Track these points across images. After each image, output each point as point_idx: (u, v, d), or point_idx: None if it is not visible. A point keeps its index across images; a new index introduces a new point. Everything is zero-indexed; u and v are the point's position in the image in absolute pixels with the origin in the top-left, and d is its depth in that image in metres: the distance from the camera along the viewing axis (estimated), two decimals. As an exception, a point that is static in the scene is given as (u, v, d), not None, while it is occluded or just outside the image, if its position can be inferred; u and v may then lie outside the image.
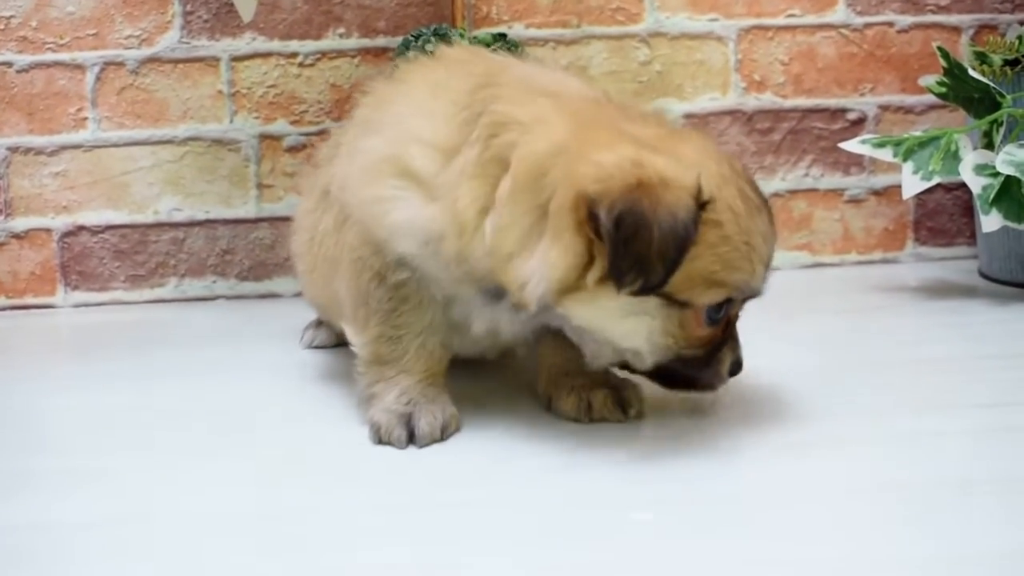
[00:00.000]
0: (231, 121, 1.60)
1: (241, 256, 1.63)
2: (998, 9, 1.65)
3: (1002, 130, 1.36)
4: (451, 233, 0.89)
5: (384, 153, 0.93)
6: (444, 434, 0.95)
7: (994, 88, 1.37)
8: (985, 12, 1.65)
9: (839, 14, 1.63)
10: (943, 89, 1.43)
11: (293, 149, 1.61)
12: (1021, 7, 1.65)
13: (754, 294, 0.91)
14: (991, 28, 1.64)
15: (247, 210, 1.62)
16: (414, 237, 0.92)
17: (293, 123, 1.61)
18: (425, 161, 0.91)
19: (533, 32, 1.60)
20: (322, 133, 1.60)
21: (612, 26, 1.60)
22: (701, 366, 0.91)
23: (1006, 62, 1.43)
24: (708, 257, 0.85)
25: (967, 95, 1.41)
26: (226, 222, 1.62)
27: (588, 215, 0.83)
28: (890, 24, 1.64)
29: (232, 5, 1.40)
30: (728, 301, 0.89)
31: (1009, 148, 1.31)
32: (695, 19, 1.62)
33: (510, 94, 0.91)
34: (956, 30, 1.65)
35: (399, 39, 1.49)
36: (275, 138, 1.61)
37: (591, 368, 0.95)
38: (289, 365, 1.26)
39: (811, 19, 1.63)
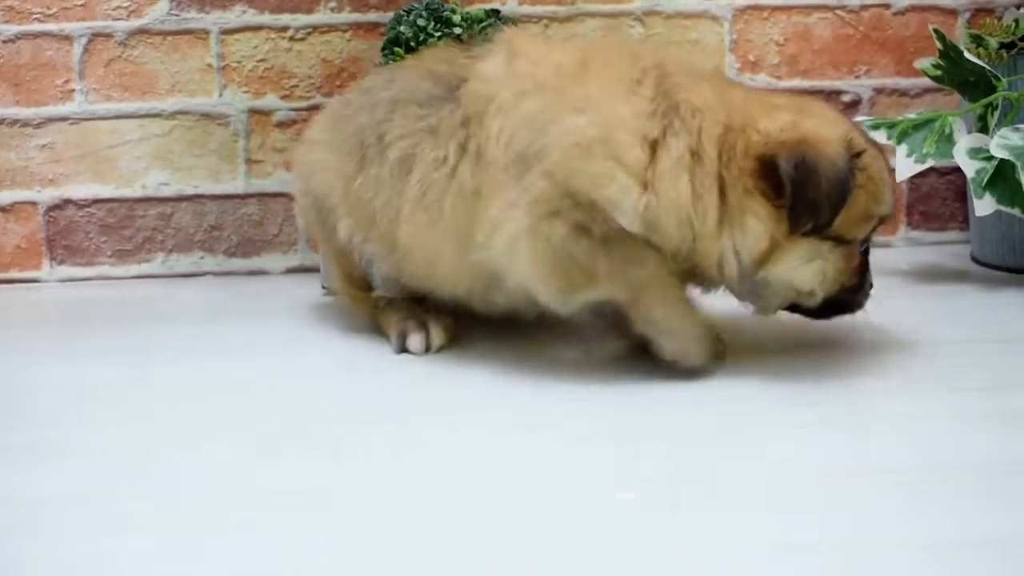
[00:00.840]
0: (220, 95, 1.58)
1: (229, 232, 1.61)
2: (998, -6, 1.64)
3: (997, 113, 1.36)
4: (670, 223, 0.99)
5: (594, 135, 0.99)
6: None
7: (990, 71, 1.36)
8: None
9: (837, -9, 1.62)
10: (938, 72, 1.42)
11: (283, 124, 1.59)
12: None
13: (890, 217, 1.08)
14: (988, 11, 1.63)
15: (236, 186, 1.60)
16: (633, 217, 0.98)
17: (283, 98, 1.59)
18: (636, 151, 0.99)
19: (527, 9, 1.59)
20: (313, 108, 1.59)
21: (607, 4, 1.59)
22: (856, 290, 1.06)
23: (1002, 45, 1.42)
24: (862, 197, 1.02)
25: (963, 78, 1.40)
26: (214, 197, 1.60)
27: (764, 173, 0.99)
28: (886, 6, 1.63)
29: (222, -23, 1.39)
30: (873, 230, 1.06)
31: (1004, 132, 1.30)
32: (705, -2, 1.60)
33: (685, 83, 1.03)
34: (953, 13, 1.64)
35: (391, 14, 1.47)
36: (265, 113, 1.59)
37: (763, 315, 1.09)
38: (277, 342, 1.25)
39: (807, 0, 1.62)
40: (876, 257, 1.11)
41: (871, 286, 1.09)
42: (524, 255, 1.02)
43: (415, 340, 1.17)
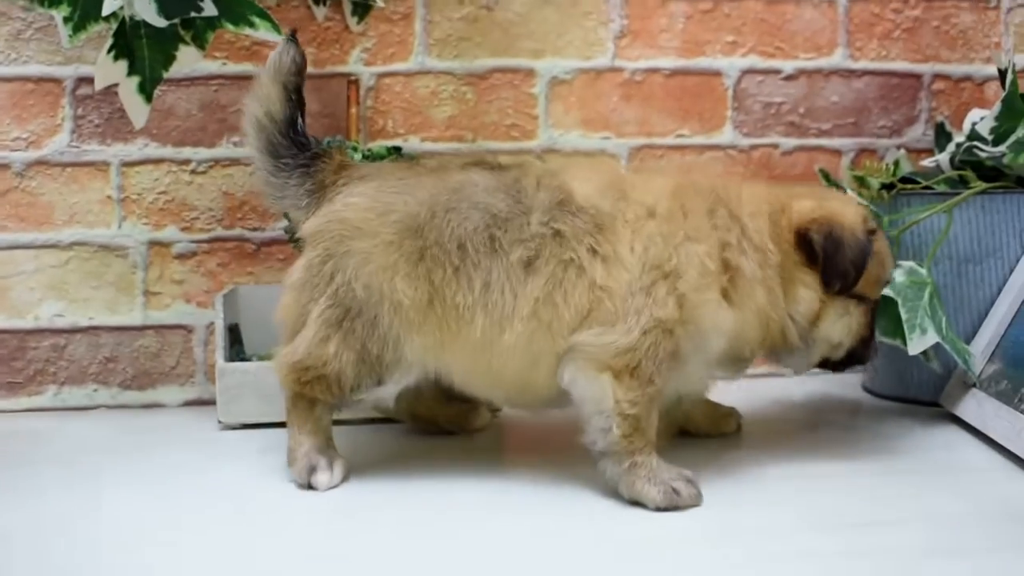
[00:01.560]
0: (119, 227, 1.57)
1: (124, 364, 1.58)
2: (876, 134, 1.72)
3: (879, 252, 1.41)
4: (754, 328, 1.17)
5: (709, 267, 1.13)
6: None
7: (872, 211, 1.42)
8: (865, 136, 1.72)
9: (726, 135, 1.69)
10: (824, 211, 1.48)
11: (182, 256, 1.59)
12: (898, 132, 1.72)
13: (888, 281, 1.30)
14: (870, 152, 1.71)
15: (132, 317, 1.58)
16: (725, 339, 1.15)
17: (183, 230, 1.58)
18: (725, 278, 1.14)
19: (429, 146, 1.62)
20: (214, 241, 1.59)
21: (507, 141, 1.63)
22: (868, 343, 1.27)
23: (883, 185, 1.49)
24: (876, 264, 1.23)
25: (846, 217, 1.46)
26: (110, 329, 1.58)
27: (800, 245, 1.19)
28: (775, 146, 1.70)
29: (124, 110, 1.39)
30: (878, 298, 1.27)
31: (886, 269, 1.36)
32: (588, 137, 1.65)
33: (738, 199, 1.20)
34: (837, 153, 1.71)
35: (294, 149, 1.49)
36: (164, 245, 1.58)
37: (799, 373, 1.30)
38: (173, 479, 1.21)
39: (700, 139, 1.68)
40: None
41: (877, 345, 1.29)
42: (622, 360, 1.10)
43: (323, 478, 1.17)
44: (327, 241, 1.18)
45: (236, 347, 1.51)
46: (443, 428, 1.38)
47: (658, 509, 1.07)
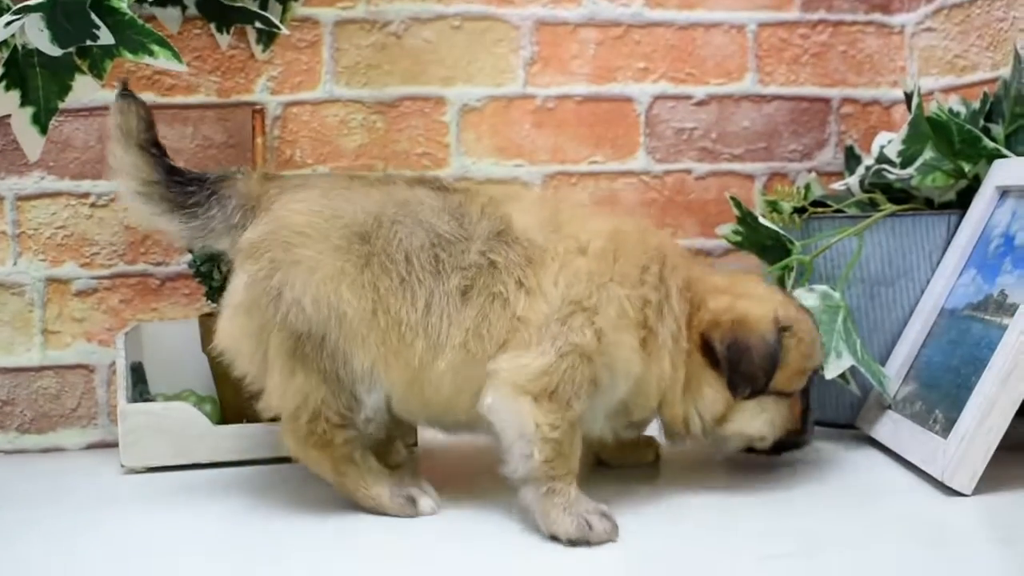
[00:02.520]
0: (15, 264, 1.51)
1: (23, 407, 1.51)
2: (787, 158, 1.73)
3: (792, 275, 1.41)
4: (652, 390, 1.16)
5: (629, 310, 1.12)
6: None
7: (784, 235, 1.42)
8: (776, 160, 1.73)
9: (640, 161, 1.68)
10: (738, 238, 1.48)
11: (83, 293, 1.53)
12: (808, 156, 1.74)
13: (819, 369, 1.27)
14: (782, 176, 1.72)
15: (30, 358, 1.51)
16: (630, 384, 1.14)
17: (83, 266, 1.52)
18: (643, 332, 1.14)
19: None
20: (116, 277, 1.53)
21: (418, 170, 1.60)
22: (800, 432, 1.24)
23: (795, 210, 1.49)
24: (795, 357, 1.20)
25: (760, 242, 1.46)
26: (6, 370, 1.51)
27: (706, 350, 1.17)
28: (688, 171, 1.70)
29: (17, 142, 1.33)
30: (809, 380, 1.24)
31: (799, 292, 1.36)
32: (501, 164, 1.63)
33: (675, 269, 1.18)
34: (750, 177, 1.72)
35: (198, 181, 1.44)
36: (63, 282, 1.52)
37: (720, 457, 1.31)
38: (74, 525, 1.16)
39: (613, 166, 1.67)
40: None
41: (814, 424, 1.27)
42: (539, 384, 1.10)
43: (427, 503, 1.16)
44: (272, 250, 1.13)
45: (140, 387, 1.45)
46: None
47: (570, 542, 1.05)
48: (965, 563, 0.98)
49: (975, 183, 1.42)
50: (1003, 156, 1.40)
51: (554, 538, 1.06)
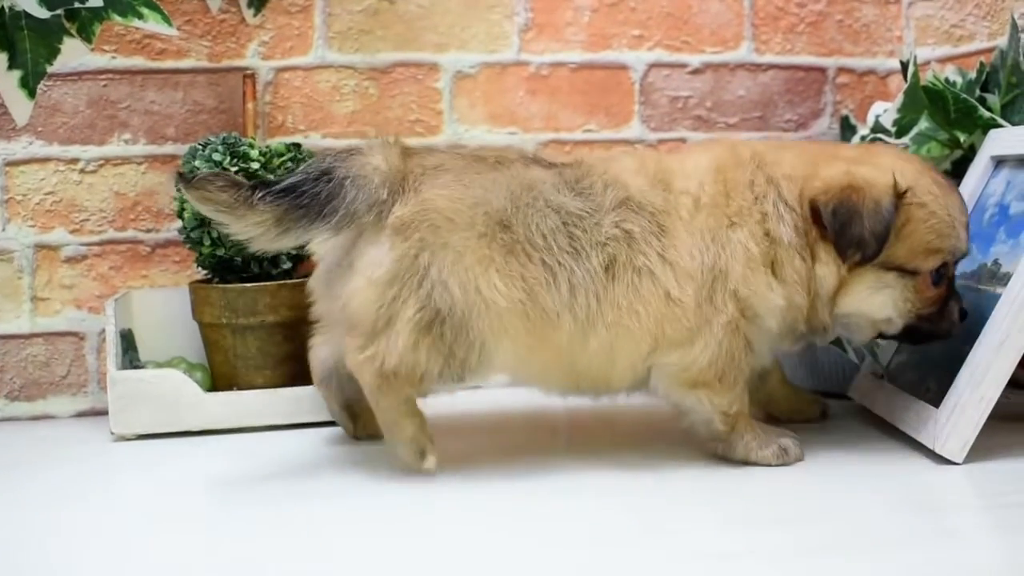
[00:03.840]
0: (3, 230, 1.50)
1: (12, 375, 1.51)
2: (783, 127, 1.72)
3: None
4: (799, 300, 1.17)
5: (753, 249, 1.15)
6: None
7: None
8: (771, 130, 1.72)
9: (634, 130, 1.67)
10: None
11: (72, 260, 1.51)
12: (804, 126, 1.73)
13: (964, 254, 1.20)
14: (777, 146, 1.71)
15: (19, 325, 1.51)
16: (778, 316, 1.17)
17: (73, 232, 1.51)
18: (768, 251, 1.16)
19: (330, 142, 1.57)
20: (105, 243, 1.52)
21: (411, 137, 1.59)
22: (937, 319, 1.19)
23: (790, 179, 1.48)
24: (922, 231, 1.15)
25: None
26: (-5, 337, 1.50)
27: (816, 218, 1.15)
28: (683, 140, 1.69)
29: (5, 106, 1.32)
30: (944, 264, 1.17)
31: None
32: (494, 132, 1.62)
33: (776, 159, 1.19)
34: (744, 147, 1.71)
35: (189, 146, 1.43)
36: (52, 248, 1.51)
37: (856, 344, 1.34)
38: (66, 492, 1.15)
39: (608, 134, 1.66)
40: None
41: (964, 314, 1.20)
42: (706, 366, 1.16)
43: (432, 460, 1.16)
44: (422, 231, 1.12)
45: (130, 354, 1.45)
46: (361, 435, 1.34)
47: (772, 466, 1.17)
48: (955, 530, 0.98)
49: (971, 153, 1.41)
50: (999, 126, 1.39)
51: (755, 464, 1.18)
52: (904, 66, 1.48)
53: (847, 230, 1.14)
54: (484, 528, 1.01)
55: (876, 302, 1.18)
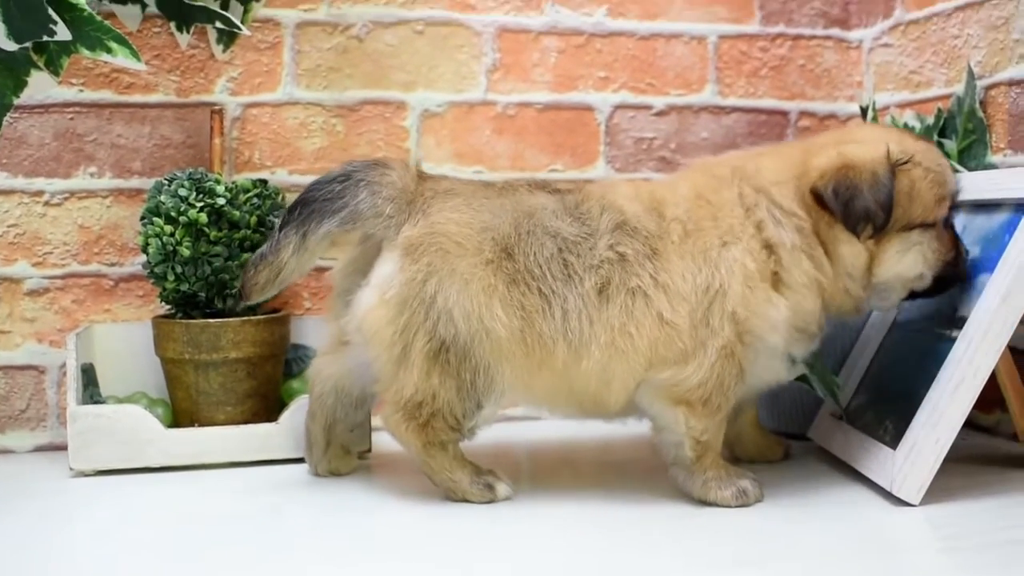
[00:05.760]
0: (-35, 262, 1.49)
1: (-30, 408, 1.49)
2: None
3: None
4: (810, 302, 1.19)
5: (750, 268, 1.16)
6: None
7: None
8: (734, 172, 1.74)
9: (599, 170, 1.69)
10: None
11: (34, 293, 1.50)
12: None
13: (958, 191, 1.24)
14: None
15: (-21, 358, 1.49)
16: (782, 331, 1.17)
17: (35, 265, 1.50)
18: (767, 262, 1.18)
19: (297, 179, 1.57)
20: (68, 277, 1.51)
21: (378, 174, 1.59)
22: (956, 262, 1.23)
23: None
24: (927, 187, 1.20)
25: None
26: (-46, 370, 1.49)
27: (820, 203, 1.18)
28: (647, 181, 1.70)
29: (-30, 140, 1.32)
30: (950, 208, 1.23)
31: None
32: (460, 170, 1.63)
33: (758, 167, 1.22)
34: (708, 188, 1.73)
35: (155, 180, 1.43)
36: (14, 281, 1.50)
37: (888, 310, 1.34)
38: (23, 530, 1.14)
39: (573, 174, 1.68)
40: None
41: (967, 252, 1.26)
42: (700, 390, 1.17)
43: (504, 488, 1.22)
44: (431, 255, 1.17)
45: (91, 389, 1.44)
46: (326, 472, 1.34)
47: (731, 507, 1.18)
48: (910, 572, 0.99)
49: (928, 198, 1.43)
50: (955, 171, 1.42)
51: (712, 504, 1.18)
52: (863, 111, 1.51)
53: (851, 206, 1.17)
54: (460, 563, 1.01)
55: (908, 262, 1.21)
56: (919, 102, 1.64)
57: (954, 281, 1.25)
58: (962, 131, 1.47)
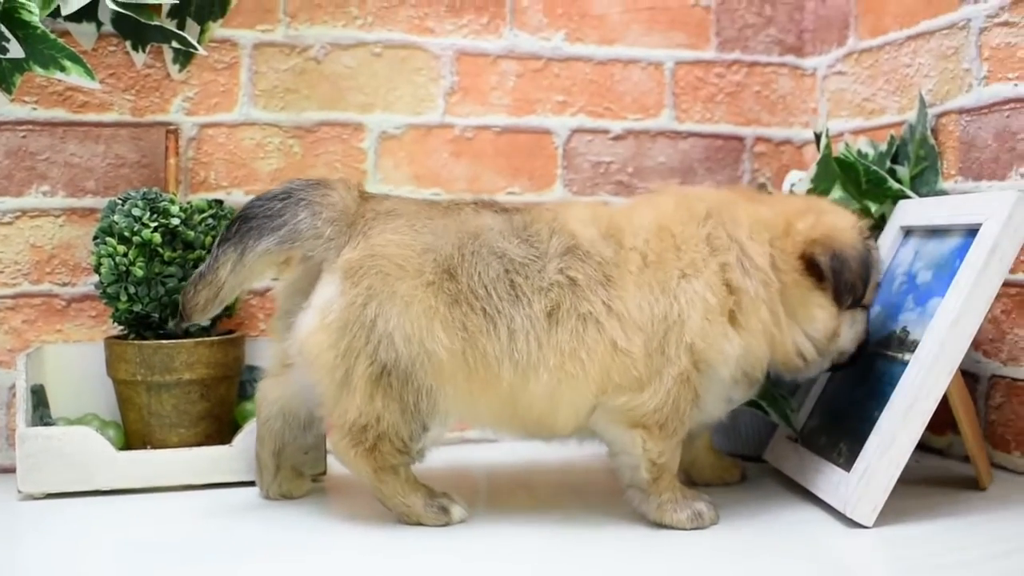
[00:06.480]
0: (-88, 281, 1.46)
1: (-85, 430, 1.46)
2: (701, 194, 1.75)
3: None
4: (761, 348, 1.19)
5: (711, 300, 1.16)
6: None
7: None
8: (690, 196, 1.75)
9: (556, 193, 1.70)
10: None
11: (-16, 313, 1.48)
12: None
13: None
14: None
15: (-74, 379, 1.47)
16: (732, 365, 1.18)
17: (-15, 285, 1.48)
18: (727, 300, 1.18)
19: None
20: (20, 296, 1.49)
21: (335, 195, 1.59)
22: (866, 344, 1.28)
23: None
24: (876, 268, 1.26)
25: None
26: (-100, 392, 1.46)
27: (809, 268, 1.21)
28: (604, 204, 1.71)
29: (-81, 157, 1.30)
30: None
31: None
32: (418, 192, 1.63)
33: (735, 218, 1.22)
34: (665, 212, 1.74)
35: (108, 200, 1.42)
36: (-37, 300, 1.48)
37: (801, 380, 1.35)
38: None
39: (530, 197, 1.68)
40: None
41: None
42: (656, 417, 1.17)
43: (459, 511, 1.21)
44: (371, 277, 1.16)
45: (40, 410, 1.41)
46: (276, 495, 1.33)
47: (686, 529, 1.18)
48: (865, 594, 1.00)
49: (881, 223, 1.45)
50: (907, 197, 1.44)
51: (668, 527, 1.18)
52: (818, 137, 1.53)
53: (842, 277, 1.20)
54: (400, 591, 1.01)
55: (850, 336, 1.26)
56: (872, 129, 1.66)
57: (853, 361, 1.29)
58: (914, 158, 1.50)
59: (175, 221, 1.36)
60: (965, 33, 1.47)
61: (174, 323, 1.36)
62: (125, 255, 1.35)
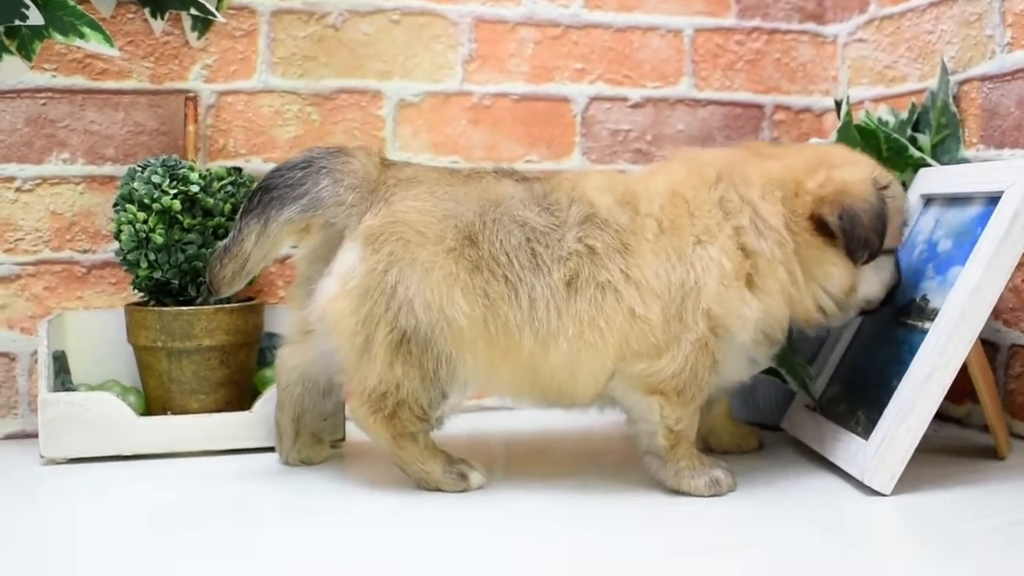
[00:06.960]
0: (-66, 248, 1.47)
1: (-61, 395, 1.48)
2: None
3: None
4: (780, 309, 1.19)
5: (727, 265, 1.16)
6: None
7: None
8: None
9: (574, 161, 1.69)
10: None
11: (6, 279, 1.49)
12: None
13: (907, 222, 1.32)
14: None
15: (-51, 345, 1.48)
16: (752, 329, 1.18)
17: (7, 251, 1.49)
18: (743, 264, 1.17)
19: (271, 167, 1.56)
20: (40, 263, 1.50)
21: (354, 163, 1.59)
22: (897, 287, 1.28)
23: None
24: (895, 212, 1.23)
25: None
26: (-77, 358, 1.47)
27: (819, 228, 1.19)
28: (622, 172, 1.71)
29: (-60, 125, 1.30)
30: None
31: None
32: (436, 160, 1.63)
33: (746, 176, 1.21)
34: (683, 181, 1.73)
35: (128, 167, 1.42)
36: (-15, 267, 1.49)
37: (834, 327, 1.32)
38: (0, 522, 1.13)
39: (549, 165, 1.68)
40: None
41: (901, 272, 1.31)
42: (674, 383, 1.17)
43: (477, 477, 1.22)
44: (392, 244, 1.16)
45: (62, 376, 1.43)
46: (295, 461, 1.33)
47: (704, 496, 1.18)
48: (882, 561, 1.00)
49: (901, 191, 1.44)
50: (928, 165, 1.43)
51: (685, 493, 1.19)
52: (838, 105, 1.52)
53: (852, 234, 1.19)
54: (431, 553, 1.01)
55: (875, 285, 1.25)
56: (893, 96, 1.65)
57: (887, 303, 1.29)
58: (935, 126, 1.48)
59: (195, 188, 1.36)
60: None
61: (201, 298, 1.37)
62: (145, 222, 1.35)
